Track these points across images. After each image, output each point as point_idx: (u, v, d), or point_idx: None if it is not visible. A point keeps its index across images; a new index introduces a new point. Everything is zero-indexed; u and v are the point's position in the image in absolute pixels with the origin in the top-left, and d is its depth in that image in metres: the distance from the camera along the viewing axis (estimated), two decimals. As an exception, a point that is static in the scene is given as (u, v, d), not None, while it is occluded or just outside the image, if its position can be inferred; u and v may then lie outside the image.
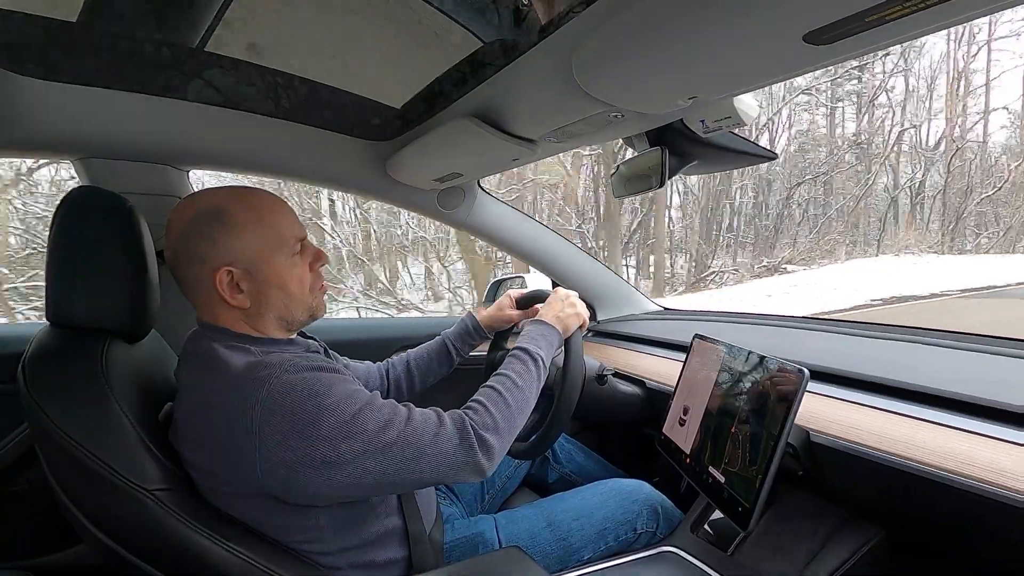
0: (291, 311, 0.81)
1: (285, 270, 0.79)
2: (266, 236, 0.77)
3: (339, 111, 1.16)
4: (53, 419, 0.69)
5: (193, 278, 0.77)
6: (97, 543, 0.71)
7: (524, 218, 1.66)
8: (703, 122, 0.94)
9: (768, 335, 1.35)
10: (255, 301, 0.78)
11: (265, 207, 0.79)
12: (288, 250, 0.79)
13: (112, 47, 0.87)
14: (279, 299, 0.79)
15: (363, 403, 0.71)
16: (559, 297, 1.06)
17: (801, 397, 0.77)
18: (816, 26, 0.51)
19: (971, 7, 0.45)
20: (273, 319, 0.80)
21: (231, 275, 0.76)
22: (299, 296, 0.81)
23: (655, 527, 1.01)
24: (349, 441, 0.68)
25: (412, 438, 0.72)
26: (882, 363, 0.95)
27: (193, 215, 0.76)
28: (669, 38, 0.60)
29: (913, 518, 0.76)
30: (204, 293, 0.77)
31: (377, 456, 0.70)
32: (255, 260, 0.77)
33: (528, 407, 0.86)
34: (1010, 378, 0.82)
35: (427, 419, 0.75)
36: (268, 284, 0.78)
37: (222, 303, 0.77)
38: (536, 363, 0.90)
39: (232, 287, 0.76)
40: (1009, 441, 0.67)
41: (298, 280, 0.81)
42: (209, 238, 0.75)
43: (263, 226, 0.77)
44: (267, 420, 0.67)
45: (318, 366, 0.73)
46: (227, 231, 0.75)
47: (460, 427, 0.76)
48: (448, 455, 0.74)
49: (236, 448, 0.68)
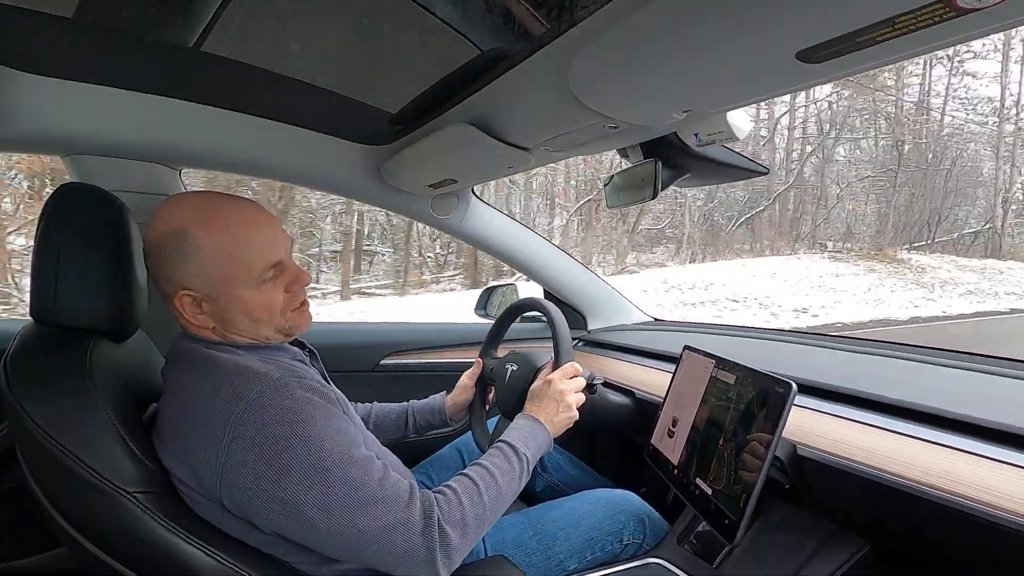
0: (259, 332, 0.79)
1: (249, 298, 0.76)
2: (229, 266, 0.74)
3: (334, 114, 1.16)
4: (34, 418, 0.68)
5: (162, 291, 0.77)
6: (76, 546, 0.70)
7: (517, 226, 1.66)
8: (697, 135, 0.95)
9: (757, 348, 1.36)
10: (218, 321, 0.77)
11: (236, 230, 0.75)
12: (254, 280, 0.76)
13: (108, 43, 0.87)
14: (243, 323, 0.78)
15: (338, 455, 0.68)
16: (552, 396, 0.96)
17: (789, 410, 0.77)
18: (808, 45, 0.52)
19: (959, 31, 0.46)
20: (243, 339, 0.79)
21: (192, 297, 0.75)
22: (267, 320, 0.79)
23: (642, 538, 1.01)
24: (311, 493, 0.66)
25: (374, 512, 0.68)
26: (869, 378, 0.96)
27: (158, 233, 0.75)
28: (665, 52, 0.61)
29: (898, 532, 0.76)
30: (173, 307, 0.77)
31: (329, 516, 0.67)
32: (217, 286, 0.75)
33: (502, 508, 0.81)
34: (994, 396, 0.83)
35: (397, 495, 0.70)
36: (230, 310, 0.76)
37: (189, 320, 0.77)
38: (521, 463, 0.85)
39: (195, 307, 0.75)
40: (992, 458, 0.67)
41: (265, 306, 0.78)
42: (172, 260, 0.74)
43: (228, 255, 0.74)
44: (238, 438, 0.66)
45: (308, 386, 0.72)
46: (188, 257, 0.73)
47: (427, 514, 0.71)
48: (400, 545, 0.69)
49: (203, 455, 0.68)
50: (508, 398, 1.09)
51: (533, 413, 0.94)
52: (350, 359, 1.53)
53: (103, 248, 0.79)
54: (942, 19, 0.44)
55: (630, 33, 0.60)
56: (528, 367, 1.08)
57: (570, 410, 0.96)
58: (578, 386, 0.99)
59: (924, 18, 0.45)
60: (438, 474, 1.22)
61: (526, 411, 0.96)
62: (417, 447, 1.30)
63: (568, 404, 0.96)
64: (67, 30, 0.82)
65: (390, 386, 1.55)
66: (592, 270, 1.81)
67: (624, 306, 1.88)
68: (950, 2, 0.42)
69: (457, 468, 1.16)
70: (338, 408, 0.74)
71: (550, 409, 0.95)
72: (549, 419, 0.94)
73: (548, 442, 0.92)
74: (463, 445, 1.30)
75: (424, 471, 1.24)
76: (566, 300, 1.77)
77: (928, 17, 0.44)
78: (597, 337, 1.76)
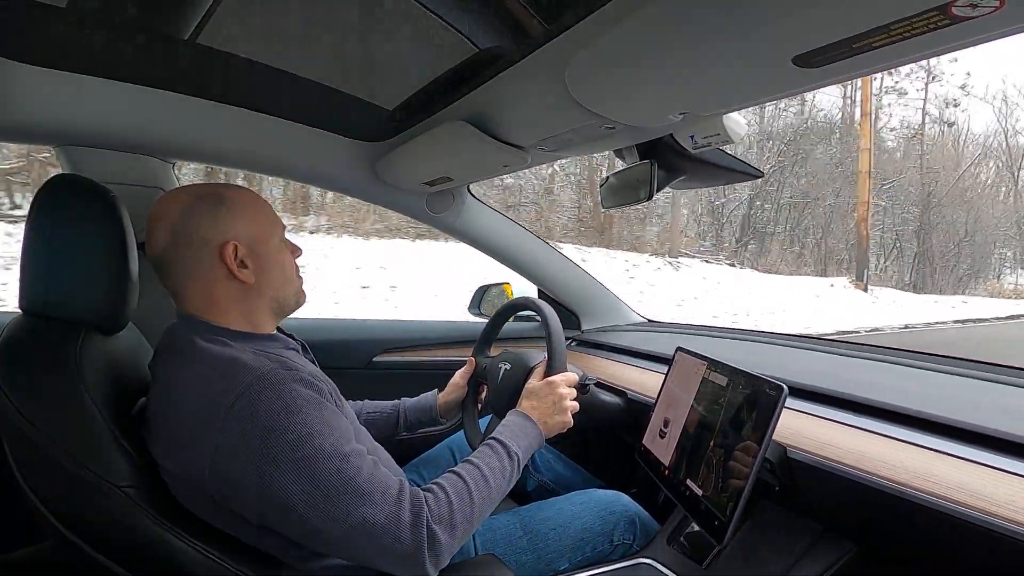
0: (285, 292, 0.85)
1: (281, 252, 0.85)
2: (262, 220, 0.83)
3: (330, 110, 1.16)
4: (21, 410, 0.67)
5: (192, 260, 0.77)
6: (63, 539, 0.69)
7: (512, 225, 1.66)
8: (693, 138, 0.95)
9: (749, 351, 1.37)
10: (258, 277, 0.80)
11: (254, 201, 0.84)
12: (279, 237, 0.85)
13: (102, 34, 0.86)
14: (278, 277, 0.84)
15: (327, 449, 0.68)
16: (551, 397, 0.96)
17: (779, 413, 0.78)
18: (805, 50, 0.52)
19: (954, 39, 0.47)
20: (268, 299, 0.83)
21: (236, 249, 0.78)
22: (291, 278, 0.87)
23: (632, 539, 1.01)
24: (299, 486, 0.66)
25: (362, 508, 0.68)
26: (860, 382, 0.97)
27: (192, 199, 0.78)
28: (663, 54, 0.61)
29: (886, 535, 0.77)
30: (202, 275, 0.77)
31: (317, 510, 0.66)
32: (257, 239, 0.81)
33: (492, 506, 0.81)
34: (983, 401, 0.84)
35: (386, 491, 0.70)
36: (270, 260, 0.82)
37: (223, 282, 0.78)
38: (512, 462, 0.84)
39: (236, 261, 0.78)
40: (977, 462, 0.68)
41: (290, 262, 0.87)
42: (212, 217, 0.77)
43: (259, 210, 0.83)
44: (227, 431, 0.66)
45: (299, 379, 0.72)
46: (230, 212, 0.79)
47: (415, 512, 0.71)
48: (387, 542, 0.68)
49: (193, 448, 0.68)
50: (501, 397, 1.09)
51: (527, 411, 0.94)
52: (343, 356, 1.53)
53: (94, 240, 0.78)
54: (937, 27, 0.45)
55: (628, 34, 0.60)
56: (521, 367, 1.08)
57: (565, 414, 0.96)
58: (574, 393, 1.00)
59: (919, 25, 0.45)
60: (429, 473, 1.22)
61: (520, 408, 0.95)
62: (408, 445, 1.29)
63: (564, 409, 0.96)
64: (61, 20, 0.81)
65: (383, 383, 1.54)
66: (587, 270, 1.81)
67: (618, 306, 1.88)
68: (945, 10, 0.43)
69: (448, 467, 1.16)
70: (329, 401, 0.74)
71: (546, 410, 0.95)
72: (543, 420, 0.94)
73: (540, 441, 0.92)
74: (455, 444, 1.30)
75: (415, 470, 1.24)
76: (560, 300, 1.77)
77: (923, 24, 0.45)
78: (590, 337, 1.77)
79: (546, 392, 0.97)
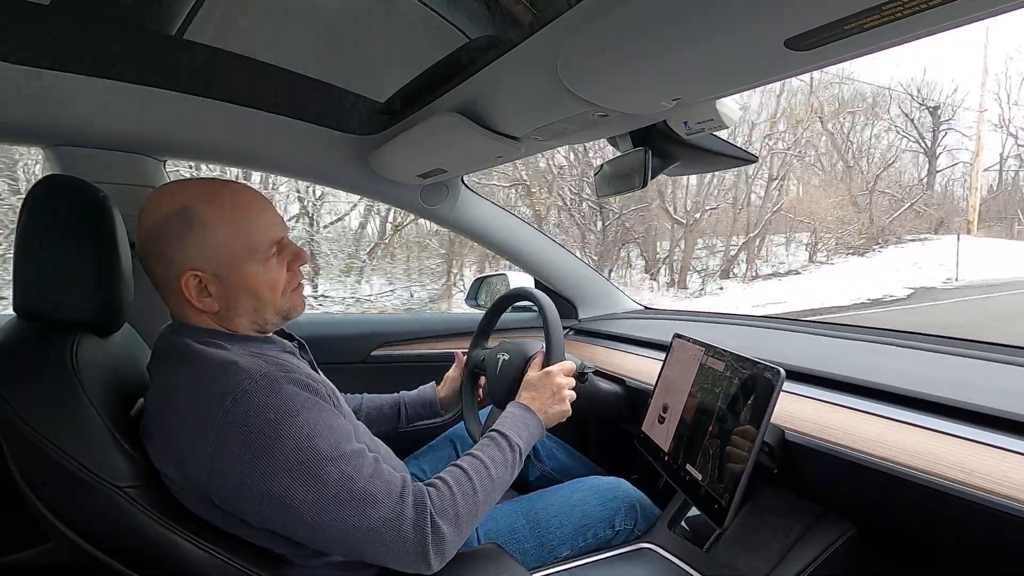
0: (262, 315, 0.79)
1: (256, 276, 0.76)
2: (237, 241, 0.74)
3: (322, 104, 1.15)
4: (20, 413, 0.67)
5: (161, 278, 0.75)
6: (65, 541, 0.69)
7: (508, 215, 1.66)
8: (686, 123, 0.95)
9: (746, 335, 1.38)
10: (224, 305, 0.76)
11: (239, 207, 0.75)
12: (261, 256, 0.76)
13: (87, 32, 0.85)
14: (249, 304, 0.77)
15: (327, 450, 0.68)
16: (550, 387, 0.97)
17: (777, 396, 0.78)
18: (797, 32, 0.52)
19: (946, 18, 0.47)
20: (245, 322, 0.79)
21: (198, 279, 0.73)
22: (271, 300, 0.79)
23: (633, 524, 1.02)
24: (300, 489, 0.66)
25: (365, 508, 0.67)
26: (856, 364, 0.98)
27: (160, 214, 0.73)
28: (654, 40, 0.60)
29: (884, 515, 0.78)
30: (172, 294, 0.75)
31: (321, 512, 0.66)
32: (224, 264, 0.74)
33: (495, 498, 0.81)
34: (978, 380, 0.85)
35: (389, 489, 0.70)
36: (237, 289, 0.76)
37: (189, 305, 0.75)
38: (514, 453, 0.84)
39: (200, 290, 0.74)
40: (976, 441, 0.69)
41: (270, 285, 0.78)
42: (175, 240, 0.72)
43: (234, 230, 0.74)
44: (225, 435, 0.66)
45: (295, 380, 0.71)
46: (194, 234, 0.72)
47: (419, 508, 0.70)
48: (392, 539, 0.68)
49: (191, 452, 0.67)
50: (500, 388, 1.09)
51: (527, 402, 0.94)
52: (340, 350, 1.53)
53: (87, 241, 0.77)
54: (929, 6, 0.45)
55: (619, 21, 0.60)
56: (519, 357, 1.09)
57: (564, 403, 0.97)
58: (573, 383, 1.01)
59: (911, 5, 0.45)
60: (430, 465, 1.23)
61: (520, 399, 0.96)
62: (408, 437, 1.30)
63: (563, 398, 0.97)
64: (45, 16, 0.80)
65: (381, 377, 1.54)
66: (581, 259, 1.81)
67: (614, 295, 1.89)
68: None
69: (449, 458, 1.16)
70: (327, 402, 0.74)
71: (545, 400, 0.96)
72: (543, 410, 0.94)
73: (541, 432, 0.93)
74: (455, 435, 1.31)
75: (416, 462, 1.24)
76: (557, 289, 1.77)
77: (915, 4, 0.45)
78: (587, 326, 1.77)
79: (545, 382, 0.97)
